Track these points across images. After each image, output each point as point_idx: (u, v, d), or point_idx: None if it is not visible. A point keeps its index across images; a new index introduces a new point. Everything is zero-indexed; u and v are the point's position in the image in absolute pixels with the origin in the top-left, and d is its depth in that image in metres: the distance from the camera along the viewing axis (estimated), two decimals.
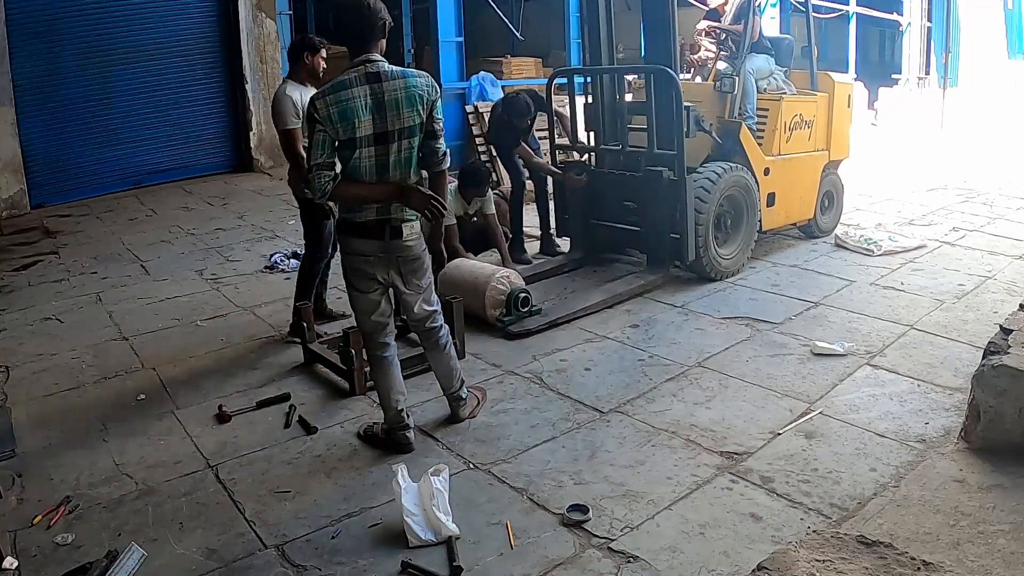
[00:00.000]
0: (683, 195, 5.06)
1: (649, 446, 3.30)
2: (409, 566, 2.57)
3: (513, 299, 4.62)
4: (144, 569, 2.59)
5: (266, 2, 10.28)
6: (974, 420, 3.07)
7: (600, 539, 2.70)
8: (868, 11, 14.10)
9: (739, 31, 5.88)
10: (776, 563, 2.02)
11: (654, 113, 5.17)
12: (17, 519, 2.91)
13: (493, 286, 4.62)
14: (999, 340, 3.22)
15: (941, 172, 9.21)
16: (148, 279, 6.00)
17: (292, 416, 3.66)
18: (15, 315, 5.25)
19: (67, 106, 8.82)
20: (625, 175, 5.52)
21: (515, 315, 4.62)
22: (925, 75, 13.86)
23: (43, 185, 8.70)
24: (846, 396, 3.69)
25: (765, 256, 5.98)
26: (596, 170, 5.77)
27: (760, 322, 4.66)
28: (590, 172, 5.74)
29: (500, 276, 4.70)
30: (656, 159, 5.22)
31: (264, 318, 5.06)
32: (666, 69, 5.08)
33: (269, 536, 2.79)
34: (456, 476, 3.06)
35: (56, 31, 8.69)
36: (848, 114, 6.63)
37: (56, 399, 3.98)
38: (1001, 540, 2.49)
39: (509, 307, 4.62)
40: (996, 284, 5.21)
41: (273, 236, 7.13)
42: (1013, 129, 10.99)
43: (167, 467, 3.27)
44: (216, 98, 10.18)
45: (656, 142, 5.20)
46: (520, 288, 4.71)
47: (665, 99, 5.11)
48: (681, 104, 5.00)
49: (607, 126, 5.63)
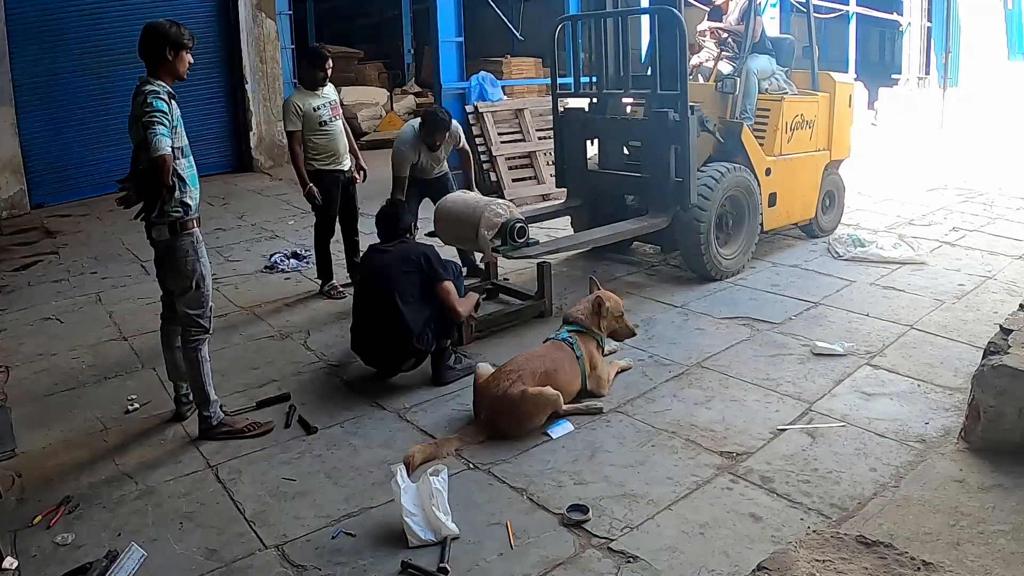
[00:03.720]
0: (687, 136, 5.01)
1: (649, 446, 3.30)
2: (409, 566, 2.57)
3: (509, 228, 4.54)
4: (144, 569, 2.59)
5: (266, 2, 10.29)
6: (974, 420, 3.07)
7: (600, 539, 2.69)
8: (868, 11, 14.10)
9: (741, 31, 5.88)
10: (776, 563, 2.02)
11: (658, 54, 5.12)
12: (17, 519, 2.91)
13: (492, 209, 4.57)
14: (999, 340, 3.22)
15: (941, 172, 9.20)
16: (148, 279, 5.97)
17: (292, 416, 3.66)
18: (15, 315, 5.26)
19: (67, 106, 8.85)
20: (627, 119, 5.47)
21: (510, 244, 4.55)
22: (925, 75, 13.85)
23: (43, 185, 8.72)
24: (846, 396, 3.68)
25: (765, 256, 5.98)
26: (597, 116, 5.72)
27: (760, 322, 4.66)
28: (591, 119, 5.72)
29: (500, 202, 4.69)
30: (660, 101, 5.16)
31: (264, 318, 5.06)
32: (671, 8, 5.02)
33: (269, 536, 2.78)
34: (456, 476, 3.06)
35: (56, 32, 8.71)
36: (849, 114, 6.62)
37: (56, 399, 3.98)
38: (1001, 540, 2.49)
39: (504, 236, 4.54)
40: (996, 284, 5.21)
41: (273, 236, 7.13)
42: (1013, 129, 10.99)
43: (167, 467, 3.28)
44: (216, 98, 10.19)
45: (660, 84, 5.14)
46: (517, 218, 4.64)
47: (669, 39, 5.08)
48: (685, 43, 4.97)
49: (610, 71, 5.58)
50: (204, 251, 3.46)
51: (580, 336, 3.76)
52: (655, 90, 5.19)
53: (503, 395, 3.36)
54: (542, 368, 3.50)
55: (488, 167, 8.37)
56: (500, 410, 3.38)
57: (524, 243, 4.60)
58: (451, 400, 3.80)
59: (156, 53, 3.33)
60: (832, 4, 13.44)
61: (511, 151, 8.53)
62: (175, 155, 3.25)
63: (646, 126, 5.27)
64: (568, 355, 3.66)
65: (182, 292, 3.43)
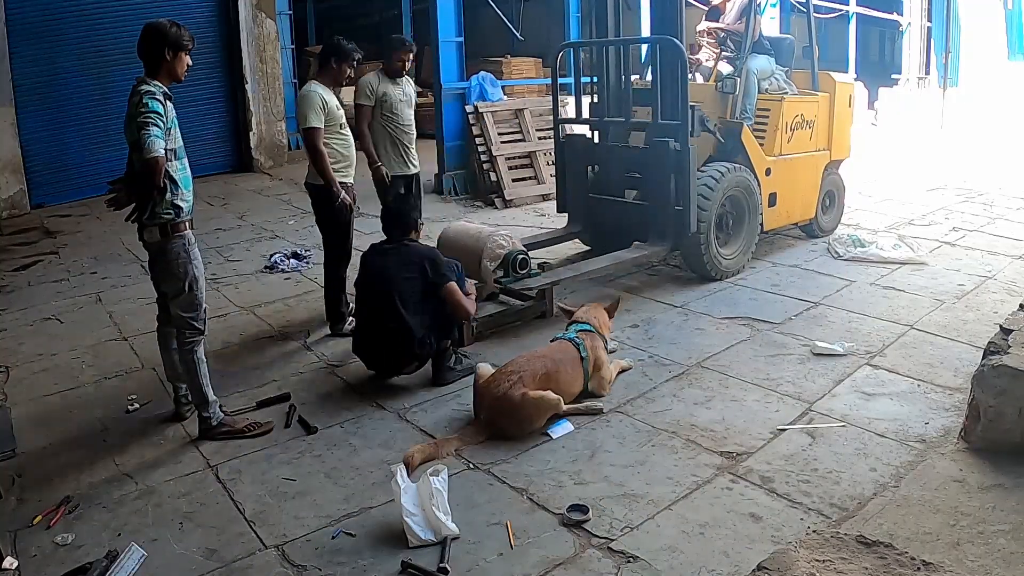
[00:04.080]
0: (687, 165, 5.04)
1: (649, 446, 3.30)
2: (409, 566, 2.57)
3: (512, 260, 4.63)
4: (144, 569, 2.59)
5: (266, 2, 10.30)
6: (974, 420, 3.07)
7: (600, 539, 2.69)
8: (868, 11, 14.10)
9: (740, 31, 5.88)
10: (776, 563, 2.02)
11: (659, 84, 5.15)
12: (17, 519, 2.91)
13: (495, 240, 4.67)
14: (999, 340, 3.22)
15: (941, 172, 9.21)
16: (148, 279, 5.90)
17: (292, 416, 3.66)
18: (15, 315, 5.25)
19: (67, 106, 8.84)
20: (628, 148, 5.52)
21: (513, 276, 4.64)
22: (925, 75, 13.85)
23: (43, 185, 8.72)
24: (846, 396, 3.68)
25: (765, 256, 5.98)
26: (598, 143, 5.77)
27: (760, 322, 4.66)
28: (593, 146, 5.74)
29: (502, 233, 4.76)
30: (660, 130, 5.19)
31: (264, 318, 5.06)
32: (672, 39, 5.06)
33: (269, 536, 2.78)
34: (456, 476, 3.06)
35: (56, 32, 8.71)
36: (849, 114, 6.62)
37: (56, 399, 3.98)
38: (1001, 540, 2.49)
39: (507, 268, 4.62)
40: (996, 284, 5.21)
41: (273, 236, 7.13)
42: (1013, 129, 10.99)
43: (167, 467, 3.28)
44: (216, 98, 10.19)
45: (661, 113, 5.17)
46: (519, 250, 4.72)
47: (670, 69, 5.10)
48: (686, 73, 5.00)
49: (611, 99, 5.61)
50: (197, 253, 3.46)
51: (588, 336, 3.77)
52: (656, 120, 5.21)
53: (503, 396, 3.36)
54: (543, 370, 3.50)
55: (488, 167, 8.37)
56: (500, 411, 3.38)
57: (526, 274, 4.69)
58: (451, 400, 3.80)
59: (155, 53, 3.32)
60: (832, 4, 13.44)
61: (511, 151, 8.53)
62: (168, 157, 3.24)
63: (647, 155, 5.29)
64: (572, 356, 3.66)
65: (175, 294, 3.43)
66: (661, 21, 5.43)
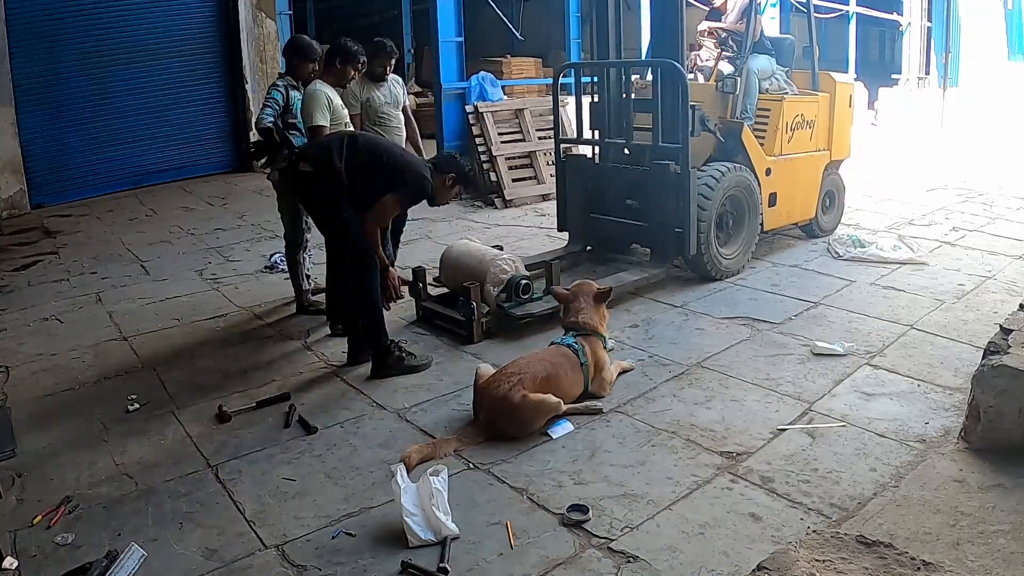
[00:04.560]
0: (687, 189, 5.05)
1: (649, 446, 3.30)
2: (409, 566, 2.56)
3: (515, 285, 4.64)
4: (144, 569, 2.59)
5: (266, 2, 10.30)
6: (974, 420, 3.07)
7: (600, 539, 2.69)
8: (868, 11, 14.11)
9: (741, 31, 5.88)
10: (776, 563, 2.02)
11: (660, 107, 5.16)
12: (17, 519, 2.91)
13: (498, 265, 4.65)
14: (999, 340, 3.22)
15: (941, 172, 9.21)
16: (148, 279, 6.00)
17: (292, 416, 3.66)
18: (15, 315, 5.25)
19: (67, 106, 8.84)
20: (629, 169, 5.53)
21: (515, 301, 4.64)
22: (925, 75, 13.86)
23: (43, 185, 8.71)
24: (846, 396, 3.68)
25: (765, 256, 5.98)
26: (599, 164, 5.78)
27: (760, 322, 4.66)
28: (594, 166, 5.76)
29: (505, 257, 4.74)
30: (661, 153, 5.21)
31: (264, 318, 5.06)
32: (673, 63, 5.07)
33: (269, 536, 2.78)
34: (456, 476, 3.06)
35: (56, 31, 8.71)
36: (849, 114, 6.62)
37: (56, 399, 3.98)
38: (1001, 540, 2.49)
39: (510, 293, 4.63)
40: (996, 284, 5.21)
41: (273, 236, 7.11)
42: (1013, 129, 10.99)
43: (167, 467, 3.27)
44: (216, 98, 10.19)
45: (661, 135, 5.18)
46: (523, 275, 4.73)
47: (671, 92, 5.11)
48: (687, 97, 5.00)
49: (612, 121, 5.62)
50: None
51: (586, 340, 3.76)
52: (656, 142, 5.22)
53: (503, 397, 3.36)
54: (543, 372, 3.50)
55: (488, 167, 8.37)
56: (500, 412, 3.38)
57: (528, 299, 4.69)
58: (451, 400, 3.80)
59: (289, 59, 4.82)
60: (832, 4, 13.45)
61: (511, 151, 8.53)
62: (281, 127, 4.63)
63: (648, 176, 5.30)
64: (571, 360, 3.66)
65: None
66: (661, 41, 5.43)
